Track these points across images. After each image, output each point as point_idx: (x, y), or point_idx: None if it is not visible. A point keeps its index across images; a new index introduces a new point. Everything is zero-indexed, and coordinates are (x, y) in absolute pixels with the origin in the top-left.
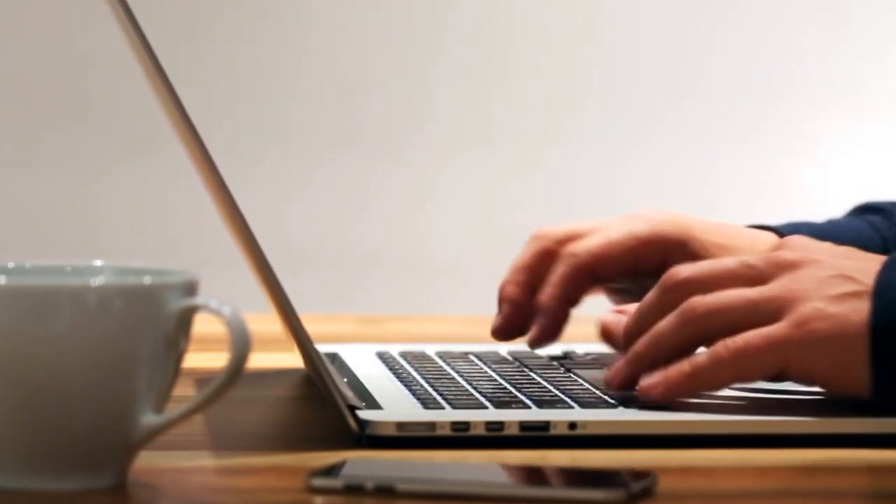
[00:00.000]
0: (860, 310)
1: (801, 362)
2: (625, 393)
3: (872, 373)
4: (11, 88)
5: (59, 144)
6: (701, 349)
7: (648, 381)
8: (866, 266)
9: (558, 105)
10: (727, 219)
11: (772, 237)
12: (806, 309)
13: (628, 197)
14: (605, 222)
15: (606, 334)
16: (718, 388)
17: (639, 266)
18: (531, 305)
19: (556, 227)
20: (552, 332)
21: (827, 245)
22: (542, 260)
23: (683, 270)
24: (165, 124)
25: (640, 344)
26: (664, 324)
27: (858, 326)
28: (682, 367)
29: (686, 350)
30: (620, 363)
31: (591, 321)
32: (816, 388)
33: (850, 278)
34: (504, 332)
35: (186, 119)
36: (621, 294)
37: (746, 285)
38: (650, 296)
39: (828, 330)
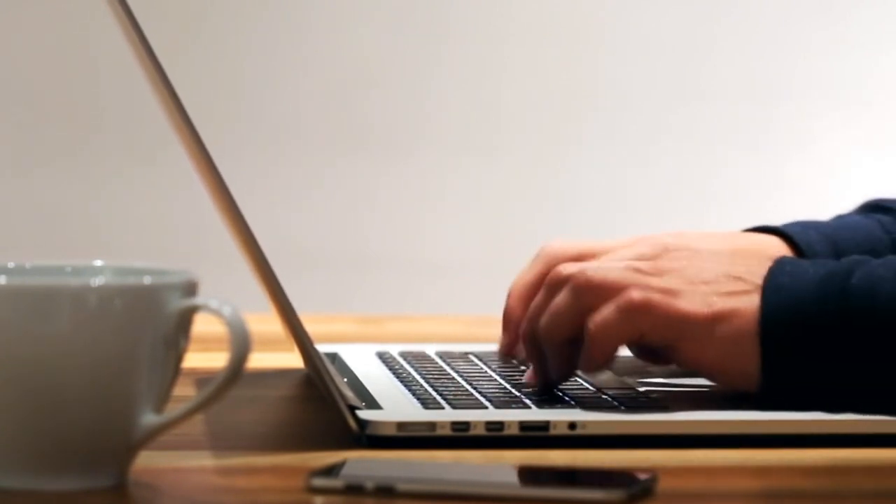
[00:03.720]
0: (751, 305)
1: (695, 344)
2: (625, 393)
3: (762, 369)
4: (13, 90)
5: (59, 145)
6: None
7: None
8: (753, 269)
9: (560, 107)
10: (730, 219)
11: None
12: (701, 298)
13: (629, 198)
14: (613, 244)
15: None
16: (615, 342)
17: None
18: None
19: (564, 245)
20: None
21: (710, 250)
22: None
23: (568, 267)
24: (166, 125)
25: (540, 326)
26: (559, 300)
27: (749, 321)
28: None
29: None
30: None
31: None
32: (704, 380)
33: (738, 278)
34: (511, 351)
35: (186, 119)
36: None
37: None
38: (538, 297)
39: (722, 318)
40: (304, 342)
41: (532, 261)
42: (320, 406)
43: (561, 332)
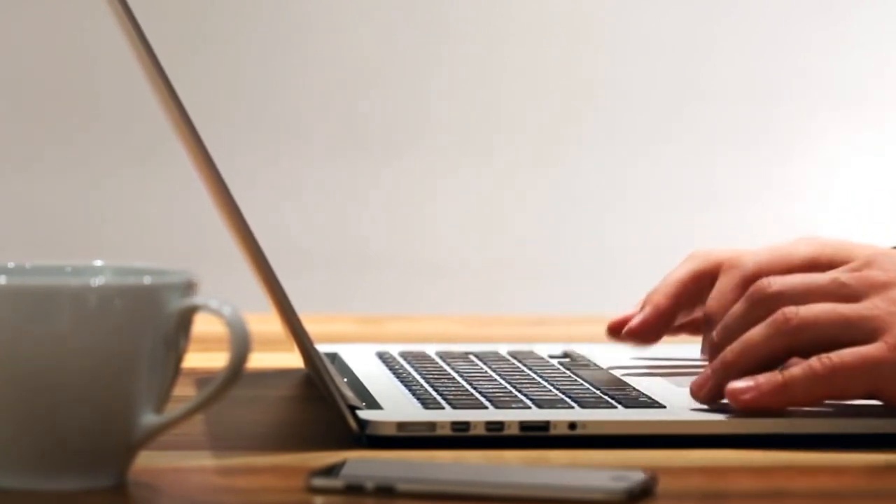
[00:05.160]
0: None
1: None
2: (624, 392)
3: None
4: (13, 90)
5: (59, 145)
6: (793, 360)
7: (738, 385)
8: None
9: (560, 107)
10: (729, 219)
11: None
12: None
13: (629, 198)
14: (761, 249)
15: (613, 330)
16: (808, 403)
17: None
18: (673, 318)
19: (713, 250)
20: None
21: None
22: (699, 279)
23: (774, 283)
24: (166, 124)
25: (729, 352)
26: (755, 333)
27: None
28: (775, 376)
29: (775, 362)
30: (706, 372)
31: (594, 321)
32: None
33: None
34: (640, 334)
35: (186, 119)
36: None
37: (836, 302)
38: (737, 307)
39: None
40: (304, 342)
41: (682, 263)
42: (320, 406)
43: (757, 364)
